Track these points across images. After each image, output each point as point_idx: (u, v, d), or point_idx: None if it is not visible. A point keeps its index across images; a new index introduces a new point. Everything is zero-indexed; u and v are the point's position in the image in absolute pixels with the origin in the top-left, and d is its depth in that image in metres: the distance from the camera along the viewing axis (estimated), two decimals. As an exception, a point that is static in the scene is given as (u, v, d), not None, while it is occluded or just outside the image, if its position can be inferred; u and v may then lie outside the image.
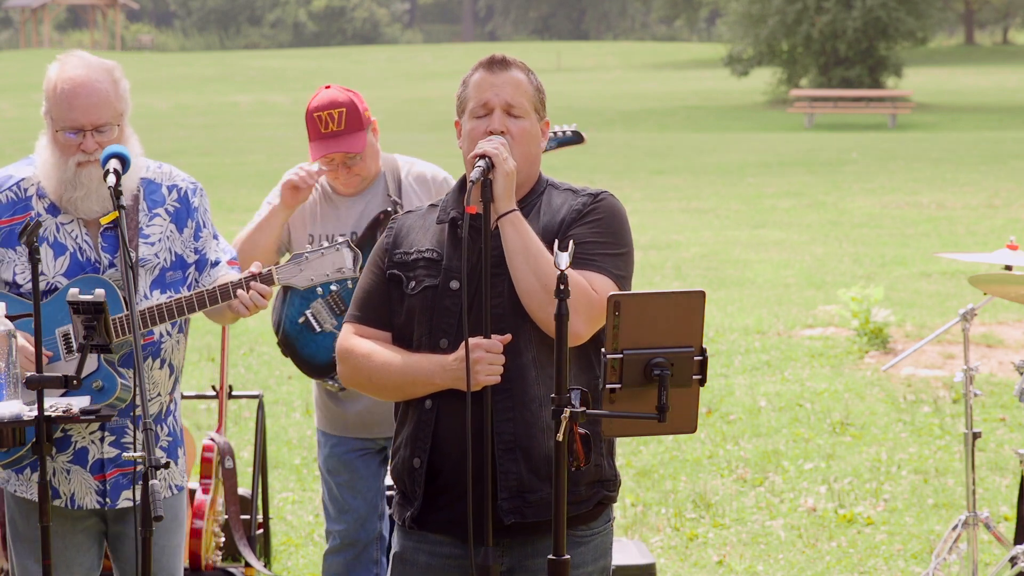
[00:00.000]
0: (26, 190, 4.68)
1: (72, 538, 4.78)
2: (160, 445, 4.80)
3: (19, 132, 38.13)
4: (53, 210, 4.67)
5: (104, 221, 4.60)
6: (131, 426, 4.71)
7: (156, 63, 69.14)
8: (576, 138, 6.14)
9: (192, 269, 4.77)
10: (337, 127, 5.54)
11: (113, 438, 4.70)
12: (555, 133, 6.11)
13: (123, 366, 4.67)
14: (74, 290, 4.23)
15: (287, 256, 5.52)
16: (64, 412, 4.26)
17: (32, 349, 4.55)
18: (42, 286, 4.60)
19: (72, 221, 4.66)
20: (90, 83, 4.54)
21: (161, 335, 4.72)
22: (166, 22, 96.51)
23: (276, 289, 5.02)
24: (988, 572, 6.56)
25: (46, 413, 4.19)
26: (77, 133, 4.55)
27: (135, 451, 4.58)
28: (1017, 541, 6.26)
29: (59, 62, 4.61)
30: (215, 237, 4.86)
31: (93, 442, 4.70)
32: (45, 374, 4.17)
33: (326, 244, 4.78)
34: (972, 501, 6.27)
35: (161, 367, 4.75)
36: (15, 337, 4.31)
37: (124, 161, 4.39)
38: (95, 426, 4.68)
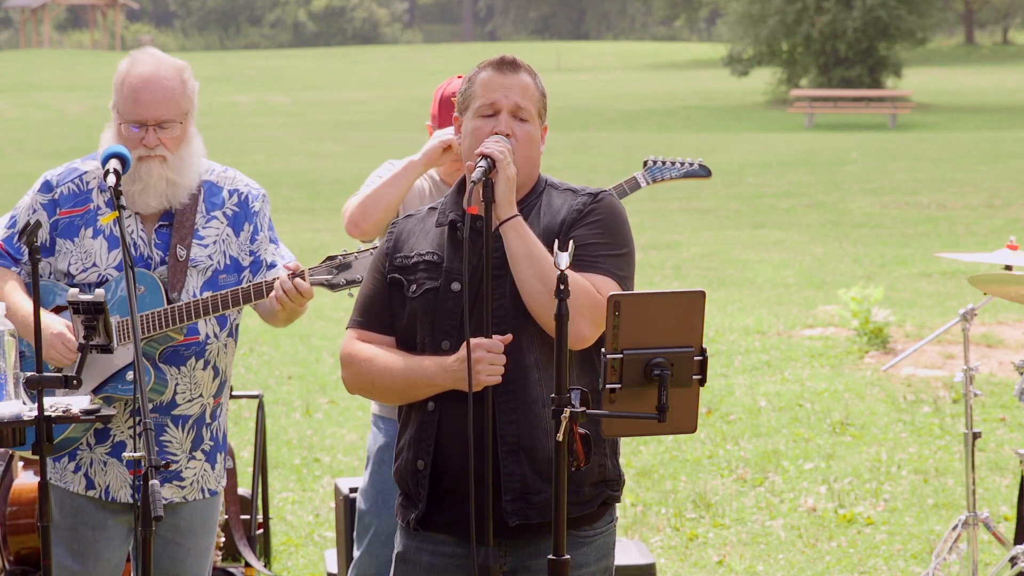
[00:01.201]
0: (88, 183, 4.75)
1: (103, 531, 4.78)
2: (202, 448, 4.82)
3: (19, 132, 38.12)
4: (113, 203, 4.70)
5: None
6: (170, 424, 4.73)
7: (156, 63, 68.92)
8: (703, 171, 6.15)
9: (247, 272, 4.79)
10: None
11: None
12: (681, 164, 6.09)
13: (164, 363, 4.69)
14: (74, 290, 4.26)
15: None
16: (64, 412, 4.26)
17: (71, 337, 4.58)
18: (93, 278, 4.68)
19: (130, 216, 4.70)
20: (158, 80, 4.62)
21: (207, 336, 4.74)
22: (166, 22, 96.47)
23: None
24: (988, 572, 6.56)
25: (46, 413, 4.19)
26: (140, 127, 4.62)
27: (135, 451, 4.58)
28: (1017, 541, 6.26)
29: (130, 58, 4.69)
30: (273, 242, 4.87)
31: (131, 437, 4.71)
32: (45, 374, 4.17)
33: (362, 247, 4.78)
34: (972, 501, 6.27)
35: (204, 368, 4.76)
36: (15, 337, 4.32)
37: (124, 161, 4.43)
38: (133, 420, 4.70)
